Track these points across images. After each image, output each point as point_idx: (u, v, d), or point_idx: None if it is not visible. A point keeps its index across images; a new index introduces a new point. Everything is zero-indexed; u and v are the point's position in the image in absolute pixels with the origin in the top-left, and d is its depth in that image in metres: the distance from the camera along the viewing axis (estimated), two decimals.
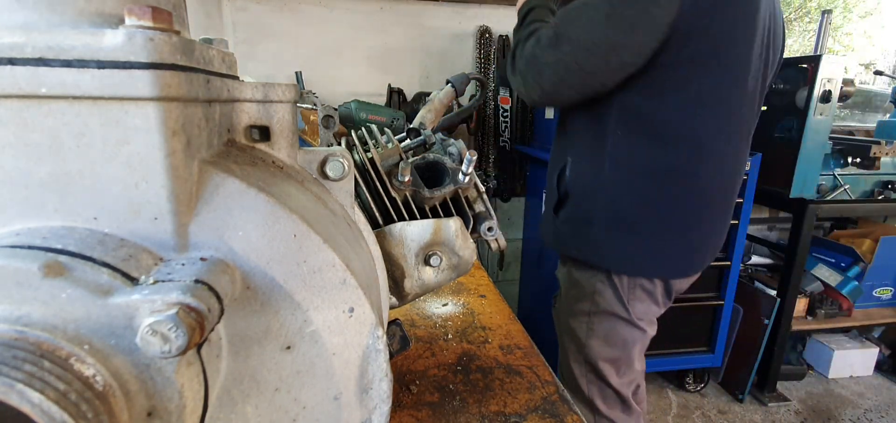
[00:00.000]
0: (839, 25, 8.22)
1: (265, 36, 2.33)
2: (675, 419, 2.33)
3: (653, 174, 1.04)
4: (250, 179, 0.36)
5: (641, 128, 1.02)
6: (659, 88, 0.98)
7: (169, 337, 0.27)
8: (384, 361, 0.41)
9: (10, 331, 0.27)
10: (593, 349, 1.21)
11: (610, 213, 1.08)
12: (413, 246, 0.58)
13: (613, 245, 1.10)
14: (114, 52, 0.29)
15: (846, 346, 2.68)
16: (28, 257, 0.28)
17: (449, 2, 2.47)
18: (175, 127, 0.31)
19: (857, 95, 2.78)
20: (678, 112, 0.99)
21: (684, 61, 0.95)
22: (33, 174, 0.30)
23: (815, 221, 2.20)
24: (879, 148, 2.17)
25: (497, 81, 2.53)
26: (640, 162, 1.04)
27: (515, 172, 2.67)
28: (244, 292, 0.35)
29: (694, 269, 1.16)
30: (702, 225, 1.09)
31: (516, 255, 2.86)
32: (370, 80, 2.48)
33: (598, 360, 1.21)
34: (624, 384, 1.24)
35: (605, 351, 1.20)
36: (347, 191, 0.49)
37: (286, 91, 0.43)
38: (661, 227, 1.06)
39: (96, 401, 0.27)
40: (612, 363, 1.21)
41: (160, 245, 0.33)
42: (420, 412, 0.74)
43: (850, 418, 2.38)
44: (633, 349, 1.21)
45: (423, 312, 1.07)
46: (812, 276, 2.53)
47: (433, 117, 0.95)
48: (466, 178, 0.61)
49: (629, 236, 1.08)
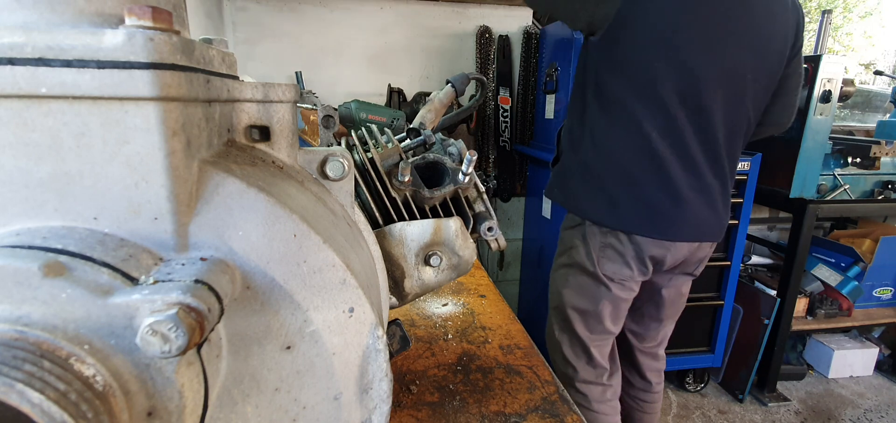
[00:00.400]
0: (839, 25, 8.21)
1: (265, 36, 2.33)
2: (675, 419, 2.33)
3: (607, 138, 1.21)
4: (250, 179, 0.36)
5: (602, 97, 1.21)
6: (611, 63, 1.17)
7: (169, 337, 0.27)
8: (384, 361, 0.41)
9: (10, 331, 0.27)
10: (565, 297, 1.37)
11: (583, 168, 1.27)
12: (413, 246, 0.58)
13: (584, 196, 1.27)
14: (114, 52, 0.29)
15: (846, 346, 2.68)
16: (28, 257, 0.28)
17: (449, 2, 2.47)
18: (175, 127, 0.31)
19: (857, 95, 2.78)
20: (620, 85, 1.17)
21: (628, 41, 1.13)
22: (33, 174, 0.30)
23: (815, 221, 2.20)
24: (879, 148, 2.17)
25: (497, 80, 2.53)
26: (600, 127, 1.22)
27: (515, 172, 2.67)
28: (244, 292, 0.35)
29: (649, 231, 1.22)
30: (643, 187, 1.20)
31: (516, 255, 2.86)
32: (370, 80, 2.48)
33: (567, 307, 1.37)
34: (592, 339, 1.37)
35: (574, 300, 1.35)
36: (347, 191, 0.49)
37: (286, 91, 0.43)
38: (615, 184, 1.21)
39: (96, 401, 0.27)
40: (580, 313, 1.36)
41: (160, 245, 0.33)
42: (420, 412, 0.74)
43: (850, 418, 2.38)
44: (602, 306, 1.32)
45: (423, 312, 1.07)
46: (812, 276, 2.53)
47: (433, 117, 0.95)
48: (466, 178, 0.61)
49: (595, 189, 1.24)
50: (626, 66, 1.15)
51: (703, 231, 1.26)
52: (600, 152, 1.22)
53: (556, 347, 1.42)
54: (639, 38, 1.12)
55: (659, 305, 1.46)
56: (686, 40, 1.09)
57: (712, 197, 1.25)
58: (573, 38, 2.02)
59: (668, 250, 1.26)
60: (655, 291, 1.44)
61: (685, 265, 1.36)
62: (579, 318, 1.36)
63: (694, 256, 1.33)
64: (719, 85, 1.13)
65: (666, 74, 1.11)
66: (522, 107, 2.54)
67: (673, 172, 1.18)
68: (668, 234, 1.23)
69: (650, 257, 1.26)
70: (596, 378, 1.40)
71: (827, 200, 2.24)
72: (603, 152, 1.22)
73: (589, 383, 1.40)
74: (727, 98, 1.16)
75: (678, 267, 1.36)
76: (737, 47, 1.12)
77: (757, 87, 1.19)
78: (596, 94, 1.22)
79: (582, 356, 1.39)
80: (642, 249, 1.25)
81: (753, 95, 1.20)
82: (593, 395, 1.41)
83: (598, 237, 1.27)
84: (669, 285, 1.42)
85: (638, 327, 1.53)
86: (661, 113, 1.14)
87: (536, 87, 2.48)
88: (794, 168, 2.12)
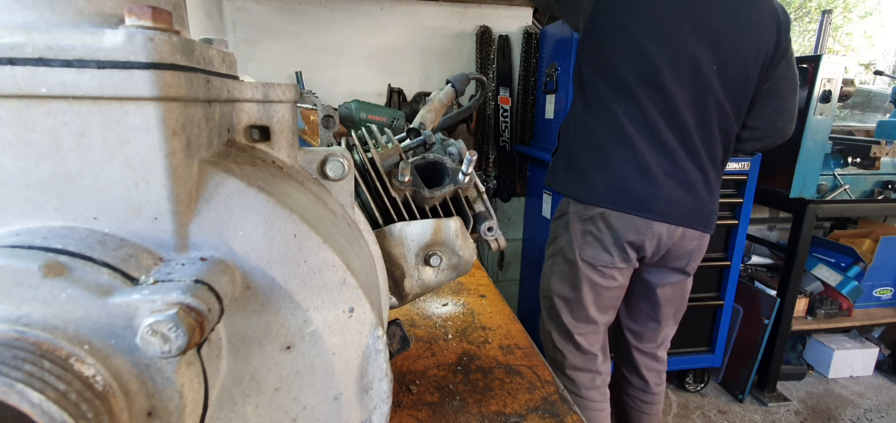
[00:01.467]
0: (839, 25, 8.21)
1: (265, 36, 2.32)
2: (675, 419, 2.33)
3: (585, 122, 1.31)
4: (250, 179, 0.36)
5: (581, 86, 1.33)
6: (589, 54, 1.30)
7: (169, 337, 0.27)
8: (384, 361, 0.41)
9: (10, 331, 0.27)
10: (552, 286, 1.44)
11: (567, 151, 1.38)
12: (413, 246, 0.58)
13: (565, 175, 1.37)
14: (114, 52, 0.29)
15: (846, 346, 2.68)
16: (28, 257, 0.28)
17: (449, 2, 2.47)
18: (175, 127, 0.31)
19: (857, 95, 2.78)
20: (593, 73, 1.28)
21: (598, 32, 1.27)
22: (33, 174, 0.30)
23: (815, 221, 2.20)
24: (879, 148, 2.17)
25: (497, 80, 2.53)
26: (579, 112, 1.34)
27: (515, 172, 2.67)
28: (244, 292, 0.35)
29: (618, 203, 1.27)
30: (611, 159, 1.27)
31: (516, 255, 2.86)
32: (370, 80, 2.48)
33: (553, 295, 1.44)
34: (575, 326, 1.42)
35: (558, 288, 1.42)
36: (347, 191, 0.49)
37: (286, 91, 0.43)
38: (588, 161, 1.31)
39: (96, 401, 0.27)
40: (564, 301, 1.42)
41: (160, 245, 0.33)
42: (420, 412, 0.74)
43: (850, 418, 2.38)
44: (583, 293, 1.37)
45: (423, 312, 1.07)
46: (812, 276, 2.53)
47: (433, 117, 0.95)
48: (466, 178, 0.61)
49: (574, 168, 1.35)
50: (595, 55, 1.28)
51: (678, 214, 1.28)
52: (579, 135, 1.33)
53: (547, 335, 1.49)
54: (605, 28, 1.25)
55: (654, 304, 1.47)
56: (640, 27, 1.20)
57: (687, 179, 1.28)
58: (573, 38, 2.02)
59: (645, 234, 1.29)
60: (649, 288, 1.45)
61: (673, 259, 1.37)
62: (564, 305, 1.42)
63: (679, 246, 1.33)
64: (679, 71, 1.21)
65: (626, 59, 1.22)
66: (522, 107, 2.54)
67: (639, 148, 1.25)
68: (639, 208, 1.27)
69: (628, 242, 1.30)
70: (585, 365, 1.45)
71: (827, 201, 2.24)
72: (581, 135, 1.33)
73: (578, 370, 1.45)
74: (692, 85, 1.22)
75: (666, 260, 1.37)
76: (692, 37, 1.19)
77: (726, 80, 1.23)
78: (578, 84, 1.35)
79: (569, 342, 1.44)
80: (619, 234, 1.29)
81: (723, 89, 1.24)
82: (582, 382, 1.45)
83: (578, 225, 1.34)
84: (664, 283, 1.43)
85: (635, 326, 1.54)
86: (625, 94, 1.24)
87: (536, 87, 2.48)
88: (794, 168, 2.12)
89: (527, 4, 2.49)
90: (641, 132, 1.24)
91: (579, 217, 1.33)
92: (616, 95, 1.25)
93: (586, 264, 1.35)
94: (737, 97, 1.27)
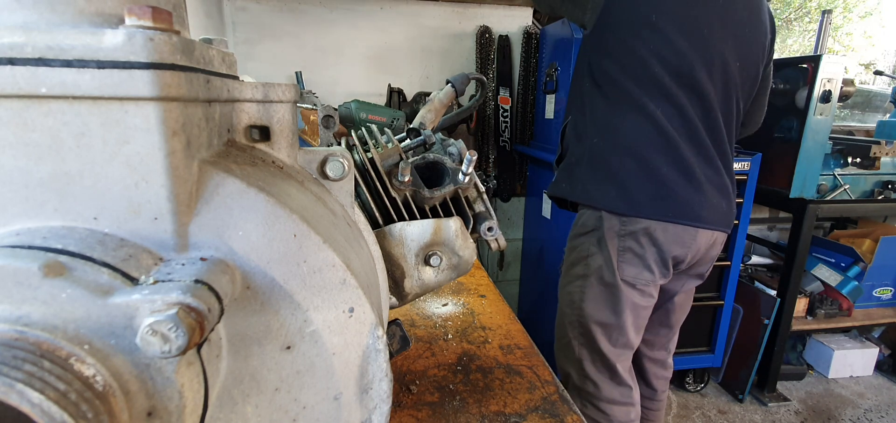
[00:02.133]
0: (839, 25, 8.21)
1: (265, 36, 2.32)
2: (675, 419, 2.33)
3: (610, 120, 1.19)
4: (250, 179, 0.36)
5: (598, 81, 1.21)
6: (604, 49, 1.19)
7: (169, 337, 0.27)
8: (384, 361, 0.41)
9: (10, 331, 0.27)
10: (586, 311, 1.27)
11: (589, 154, 1.23)
12: (413, 246, 0.58)
13: (592, 181, 1.22)
14: (114, 52, 0.29)
15: (846, 346, 2.68)
16: (28, 257, 0.28)
17: (449, 2, 2.47)
18: (175, 127, 0.31)
19: (857, 95, 2.78)
20: (614, 67, 1.17)
21: (617, 25, 1.16)
22: (33, 174, 0.30)
23: (815, 221, 2.20)
24: (879, 148, 2.17)
25: (497, 80, 2.53)
26: (600, 110, 1.21)
27: (515, 172, 2.67)
28: (244, 292, 0.35)
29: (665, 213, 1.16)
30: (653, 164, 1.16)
31: (516, 255, 2.86)
32: (370, 80, 2.48)
33: (589, 321, 1.27)
34: (614, 353, 1.28)
35: (595, 313, 1.26)
36: (347, 191, 0.49)
37: (286, 91, 0.43)
38: (622, 165, 1.18)
39: (96, 401, 0.27)
40: (603, 327, 1.26)
41: (160, 245, 0.33)
42: (420, 412, 0.74)
43: (850, 418, 2.37)
44: (624, 316, 1.24)
45: (423, 312, 1.07)
46: (812, 276, 2.53)
47: (433, 117, 0.95)
48: (466, 178, 0.61)
49: (603, 173, 1.21)
50: (618, 51, 1.17)
51: (718, 219, 1.21)
52: (604, 135, 1.20)
53: (576, 363, 1.32)
54: (628, 23, 1.15)
55: (669, 311, 1.41)
56: (669, 22, 1.11)
57: (723, 182, 1.22)
58: (573, 38, 2.02)
59: (689, 245, 1.19)
60: (668, 296, 1.38)
61: (699, 264, 1.31)
62: (602, 332, 1.26)
63: (708, 252, 1.28)
64: (712, 69, 1.14)
65: (658, 56, 1.13)
66: (522, 107, 2.54)
67: (684, 153, 1.15)
68: (687, 217, 1.17)
69: (673, 257, 1.20)
70: (621, 398, 1.31)
71: (827, 201, 2.24)
72: (607, 135, 1.20)
73: (614, 403, 1.31)
74: (723, 84, 1.17)
75: (693, 267, 1.31)
76: (721, 33, 1.13)
77: (744, 78, 1.20)
78: (592, 81, 1.22)
79: (605, 371, 1.29)
80: (664, 248, 1.18)
81: (741, 87, 1.21)
82: (617, 417, 1.31)
83: (615, 241, 1.20)
84: (682, 290, 1.37)
85: (648, 334, 1.44)
86: (660, 93, 1.14)
87: (536, 87, 2.48)
88: (794, 168, 2.12)
89: (527, 4, 2.49)
90: (682, 135, 1.15)
91: (617, 233, 1.20)
92: (651, 94, 1.14)
93: (627, 285, 1.21)
94: (748, 94, 1.24)
